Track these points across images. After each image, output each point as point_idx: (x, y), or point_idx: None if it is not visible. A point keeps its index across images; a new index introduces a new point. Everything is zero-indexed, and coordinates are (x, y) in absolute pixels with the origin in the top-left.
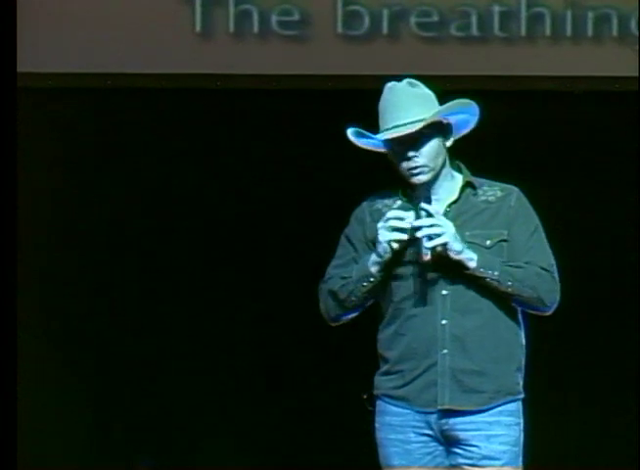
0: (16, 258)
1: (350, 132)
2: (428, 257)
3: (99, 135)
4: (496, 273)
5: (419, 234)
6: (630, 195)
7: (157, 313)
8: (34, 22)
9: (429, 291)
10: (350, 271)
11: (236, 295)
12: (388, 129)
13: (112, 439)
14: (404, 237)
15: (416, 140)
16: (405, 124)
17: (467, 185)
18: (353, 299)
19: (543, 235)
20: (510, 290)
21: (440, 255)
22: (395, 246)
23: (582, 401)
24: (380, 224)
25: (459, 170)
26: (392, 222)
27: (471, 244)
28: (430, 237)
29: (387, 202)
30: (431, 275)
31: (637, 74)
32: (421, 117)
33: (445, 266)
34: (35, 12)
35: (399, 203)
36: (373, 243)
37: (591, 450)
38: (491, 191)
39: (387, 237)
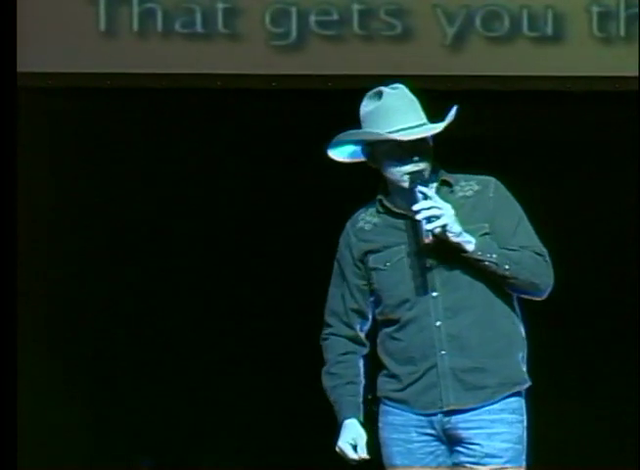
0: (16, 258)
1: (332, 145)
2: (429, 239)
3: (99, 135)
4: (494, 256)
5: (418, 217)
6: (630, 195)
7: (157, 314)
8: (34, 22)
9: (419, 295)
10: (333, 388)
11: (236, 295)
12: (394, 132)
13: (112, 439)
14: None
15: (420, 144)
16: (413, 127)
17: (442, 184)
18: None
19: (528, 223)
20: (507, 273)
21: (439, 238)
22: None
23: (582, 401)
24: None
25: (434, 170)
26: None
27: None
28: (429, 220)
29: (367, 218)
30: (419, 279)
31: (637, 74)
32: (424, 122)
33: (439, 256)
34: (35, 12)
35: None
36: (361, 261)
37: (591, 450)
38: (468, 186)
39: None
